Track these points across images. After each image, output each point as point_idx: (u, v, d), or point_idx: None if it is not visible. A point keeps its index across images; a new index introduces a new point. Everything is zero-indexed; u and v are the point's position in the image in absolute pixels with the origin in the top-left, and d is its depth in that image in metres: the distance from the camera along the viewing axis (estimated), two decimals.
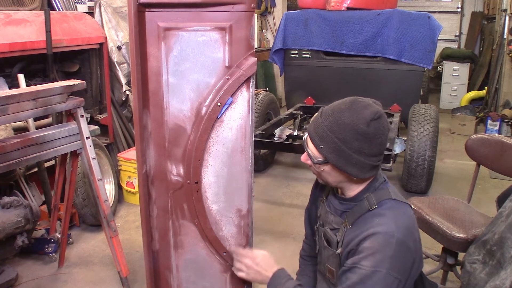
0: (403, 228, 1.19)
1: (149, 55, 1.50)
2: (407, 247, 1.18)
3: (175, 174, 1.63)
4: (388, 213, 1.23)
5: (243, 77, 1.51)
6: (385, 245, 1.16)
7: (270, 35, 7.37)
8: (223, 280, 1.80)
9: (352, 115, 1.22)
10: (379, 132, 1.22)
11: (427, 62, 4.12)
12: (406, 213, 1.26)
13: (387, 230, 1.18)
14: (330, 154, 1.24)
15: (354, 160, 1.23)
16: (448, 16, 8.46)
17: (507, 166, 2.26)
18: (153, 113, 1.57)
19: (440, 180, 4.15)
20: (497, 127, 5.36)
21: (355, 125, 1.20)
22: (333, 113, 1.25)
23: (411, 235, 1.21)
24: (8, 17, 2.70)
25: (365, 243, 1.20)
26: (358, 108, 1.23)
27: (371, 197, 1.28)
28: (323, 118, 1.26)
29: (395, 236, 1.16)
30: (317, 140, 1.26)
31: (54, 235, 2.74)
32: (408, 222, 1.23)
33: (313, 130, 1.28)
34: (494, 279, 1.59)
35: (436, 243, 2.28)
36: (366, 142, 1.21)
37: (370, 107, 1.24)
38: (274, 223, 3.33)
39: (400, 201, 1.28)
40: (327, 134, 1.23)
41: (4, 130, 2.55)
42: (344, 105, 1.26)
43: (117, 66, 3.80)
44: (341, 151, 1.22)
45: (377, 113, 1.23)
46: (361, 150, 1.22)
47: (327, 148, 1.24)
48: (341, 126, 1.21)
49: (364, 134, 1.20)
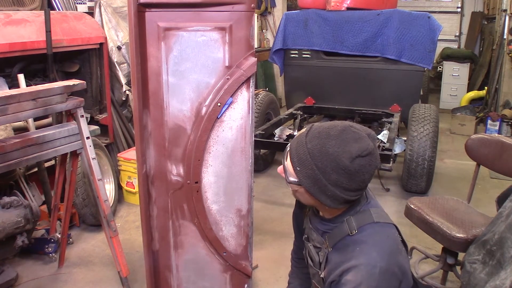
0: (386, 255, 1.14)
1: (149, 55, 1.50)
2: (392, 273, 1.13)
3: (175, 174, 1.63)
4: (369, 240, 1.17)
5: (243, 77, 1.52)
6: (368, 277, 1.11)
7: (270, 35, 7.37)
8: (223, 280, 1.80)
9: (339, 145, 1.12)
10: (362, 170, 1.13)
11: (427, 62, 4.12)
12: (389, 237, 1.20)
13: (369, 261, 1.12)
14: (305, 179, 1.16)
15: (329, 192, 1.15)
16: (448, 16, 8.46)
17: (507, 166, 2.26)
18: (153, 113, 1.57)
19: (440, 180, 4.15)
20: (497, 127, 5.36)
21: (338, 157, 1.11)
22: (320, 137, 1.15)
23: (395, 260, 1.16)
24: (8, 17, 2.70)
25: (348, 275, 1.15)
26: (347, 140, 1.13)
27: (351, 220, 1.21)
28: (308, 139, 1.17)
29: (377, 266, 1.11)
30: (296, 160, 1.17)
31: (54, 235, 2.74)
32: (392, 247, 1.17)
33: (295, 149, 1.19)
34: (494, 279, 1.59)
35: (436, 243, 2.28)
36: (345, 177, 1.13)
37: (360, 141, 1.13)
38: (274, 223, 3.33)
39: (383, 223, 1.21)
40: (307, 158, 1.15)
41: (4, 130, 2.55)
42: (335, 131, 1.15)
43: (117, 66, 3.80)
44: (317, 180, 1.14)
45: (365, 150, 1.12)
46: (339, 183, 1.13)
47: (303, 172, 1.16)
48: (323, 154, 1.12)
49: (345, 169, 1.11)
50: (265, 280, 2.57)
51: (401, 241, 1.26)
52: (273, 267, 2.69)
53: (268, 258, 2.78)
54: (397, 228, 1.26)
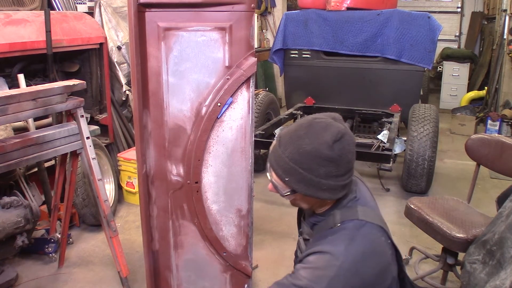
0: (355, 252, 1.14)
1: (149, 55, 1.50)
2: (354, 272, 1.12)
3: (175, 174, 1.63)
4: (344, 234, 1.17)
5: (243, 77, 1.52)
6: (327, 266, 1.12)
7: (270, 35, 7.37)
8: (223, 280, 1.80)
9: (313, 140, 1.14)
10: (344, 152, 1.15)
11: (427, 62, 4.12)
12: (366, 236, 1.18)
13: (334, 252, 1.13)
14: (297, 185, 1.17)
15: (324, 186, 1.16)
16: (448, 16, 8.46)
17: (507, 166, 2.26)
18: (153, 113, 1.57)
19: (440, 180, 4.15)
20: (497, 127, 5.36)
21: (318, 151, 1.13)
22: (292, 142, 1.16)
23: (366, 260, 1.14)
24: (8, 17, 2.70)
25: (311, 257, 1.17)
26: (317, 132, 1.15)
27: (337, 214, 1.23)
28: (282, 149, 1.18)
29: (339, 260, 1.11)
30: (281, 173, 1.18)
31: (54, 235, 2.74)
32: (366, 247, 1.16)
33: (275, 163, 1.20)
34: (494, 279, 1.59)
35: (436, 243, 2.28)
36: (333, 166, 1.14)
37: (330, 128, 1.15)
38: (274, 223, 3.33)
39: (367, 222, 1.20)
40: (291, 166, 1.16)
41: (4, 130, 2.55)
42: (302, 130, 1.17)
43: (117, 66, 3.80)
44: (308, 180, 1.16)
45: (338, 133, 1.14)
46: (329, 174, 1.15)
47: (293, 180, 1.17)
48: (303, 156, 1.14)
49: (329, 158, 1.13)
50: (265, 280, 2.57)
51: (390, 243, 1.24)
52: (273, 267, 2.69)
53: (268, 258, 2.78)
54: (385, 231, 1.24)
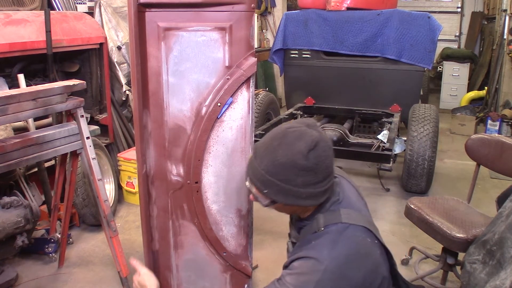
0: (339, 256, 1.14)
1: (149, 55, 1.50)
2: (339, 276, 1.12)
3: (175, 174, 1.63)
4: (327, 238, 1.18)
5: (243, 77, 1.52)
6: (312, 271, 1.12)
7: (270, 35, 7.37)
8: (223, 280, 1.80)
9: (287, 152, 1.13)
10: (320, 159, 1.14)
11: (427, 62, 4.12)
12: (350, 239, 1.18)
13: (318, 257, 1.13)
14: (277, 196, 1.18)
15: (304, 195, 1.17)
16: (448, 16, 8.46)
17: (507, 166, 2.26)
18: (153, 113, 1.57)
19: (440, 180, 4.15)
20: (497, 127, 5.36)
21: (293, 162, 1.12)
22: (267, 154, 1.17)
23: (351, 263, 1.14)
24: (8, 17, 2.70)
25: (296, 263, 1.18)
26: (291, 142, 1.14)
27: (320, 218, 1.23)
28: (258, 161, 1.19)
29: (324, 264, 1.11)
30: (260, 185, 1.19)
31: (54, 235, 2.74)
32: (350, 249, 1.16)
33: (253, 175, 1.21)
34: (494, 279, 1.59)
35: (436, 243, 2.28)
36: (310, 175, 1.14)
37: (303, 137, 1.15)
38: (274, 223, 3.33)
39: (350, 224, 1.20)
40: (268, 179, 1.16)
41: (4, 130, 2.55)
42: (276, 141, 1.17)
43: (117, 66, 3.80)
44: (287, 191, 1.16)
45: (312, 142, 1.14)
46: (308, 183, 1.15)
47: (272, 191, 1.18)
48: (278, 168, 1.14)
49: (305, 168, 1.13)
50: (265, 280, 2.57)
51: (378, 243, 1.24)
52: (273, 267, 2.69)
53: (268, 258, 2.78)
54: (371, 231, 1.23)
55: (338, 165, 4.52)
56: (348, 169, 4.50)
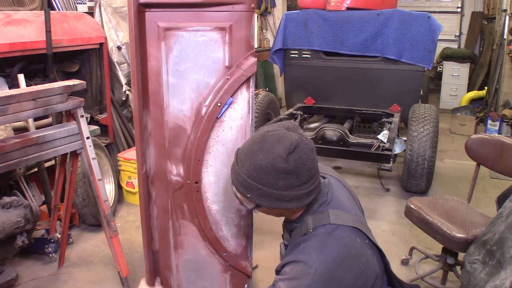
0: (327, 258, 1.14)
1: (149, 55, 1.50)
2: (330, 277, 1.12)
3: (175, 174, 1.63)
4: (315, 240, 1.18)
5: (243, 77, 1.52)
6: (302, 275, 1.13)
7: (270, 35, 7.37)
8: (223, 280, 1.80)
9: (267, 155, 1.14)
10: (301, 161, 1.15)
11: (427, 62, 4.12)
12: (339, 240, 1.18)
13: (307, 261, 1.14)
14: (260, 200, 1.19)
15: (287, 197, 1.17)
16: (448, 16, 8.45)
17: (507, 166, 2.26)
18: (153, 113, 1.57)
19: (440, 180, 4.15)
20: (497, 127, 5.36)
21: (273, 165, 1.13)
22: (248, 158, 1.18)
23: (340, 264, 1.15)
24: (8, 17, 2.70)
25: (287, 267, 1.19)
26: (270, 146, 1.15)
27: (309, 220, 1.24)
28: (239, 166, 1.20)
29: (313, 267, 1.12)
30: (243, 190, 1.20)
31: (54, 235, 2.74)
32: (339, 251, 1.16)
33: (236, 180, 1.22)
34: (494, 279, 1.59)
35: (436, 243, 2.28)
36: (291, 177, 1.15)
37: (282, 140, 1.15)
38: (274, 223, 3.31)
39: (339, 225, 1.20)
40: (250, 183, 1.17)
41: (4, 130, 2.55)
42: (256, 145, 1.18)
43: (117, 66, 3.80)
44: (270, 194, 1.17)
45: (291, 144, 1.14)
46: (290, 185, 1.16)
47: (255, 195, 1.19)
48: (259, 172, 1.15)
49: (285, 171, 1.14)
50: (265, 280, 2.57)
51: (369, 243, 1.24)
52: (273, 267, 2.67)
53: (268, 258, 2.78)
54: (361, 231, 1.23)
55: (338, 165, 4.54)
56: (348, 169, 4.50)
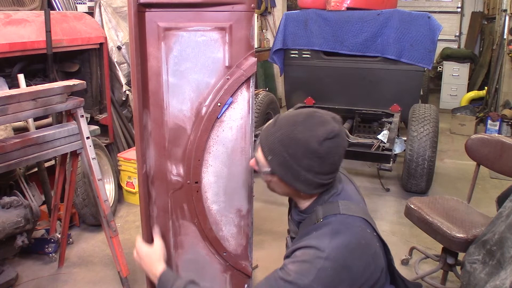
0: (340, 245, 1.14)
1: (149, 55, 1.50)
2: (341, 264, 1.12)
3: (175, 174, 1.63)
4: (328, 228, 1.18)
5: (243, 77, 1.51)
6: (314, 259, 1.12)
7: (270, 35, 7.37)
8: (223, 280, 1.80)
9: (306, 130, 1.15)
10: (331, 152, 1.16)
11: (427, 62, 4.12)
12: (350, 229, 1.18)
13: (319, 245, 1.13)
14: (277, 167, 1.19)
15: (302, 177, 1.18)
16: (448, 16, 8.45)
17: (507, 166, 2.26)
18: (153, 113, 1.57)
19: (440, 180, 4.15)
20: (497, 127, 5.36)
21: (307, 142, 1.14)
22: (287, 125, 1.18)
23: (352, 252, 1.14)
24: (8, 17, 2.70)
25: (297, 252, 1.18)
26: (314, 124, 1.16)
27: (319, 210, 1.24)
28: (275, 128, 1.20)
29: (325, 252, 1.12)
30: (267, 150, 1.20)
31: (54, 235, 2.74)
32: (350, 239, 1.16)
33: (264, 138, 1.22)
34: (494, 279, 1.59)
35: (436, 243, 2.28)
36: (316, 161, 1.15)
37: (326, 124, 1.17)
38: (274, 223, 3.33)
39: (349, 215, 1.20)
40: (277, 147, 1.17)
41: (4, 130, 2.55)
42: (300, 117, 1.19)
43: (117, 66, 3.80)
44: (289, 166, 1.17)
45: (332, 132, 1.15)
46: (311, 168, 1.16)
47: (275, 161, 1.18)
48: (292, 141, 1.15)
49: (315, 152, 1.14)
50: None
51: (376, 236, 1.24)
52: (273, 267, 2.67)
53: (268, 258, 2.78)
54: (370, 223, 1.24)
55: None
56: (348, 169, 4.48)
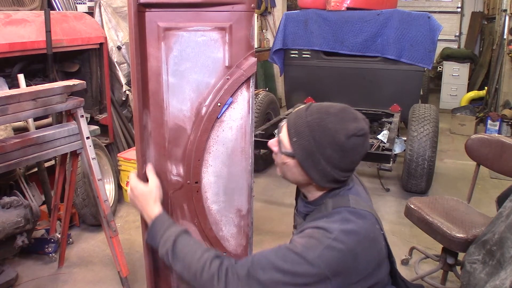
0: (350, 232, 1.13)
1: (149, 55, 1.50)
2: (348, 249, 1.11)
3: (175, 174, 1.63)
4: (339, 216, 1.18)
5: (243, 77, 1.51)
6: (322, 237, 1.12)
7: (270, 35, 7.37)
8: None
9: (337, 122, 1.17)
10: (356, 149, 1.18)
11: (427, 62, 4.12)
12: (361, 220, 1.18)
13: (329, 228, 1.14)
14: (300, 150, 1.20)
15: (320, 167, 1.19)
16: (448, 16, 8.45)
17: (507, 166, 2.26)
18: (153, 113, 1.57)
19: (440, 180, 4.15)
20: (497, 127, 5.37)
21: (336, 133, 1.16)
22: (320, 112, 1.20)
23: (360, 242, 1.14)
24: (8, 17, 2.70)
25: (307, 230, 1.18)
26: (345, 118, 1.19)
27: (328, 202, 1.24)
28: (307, 113, 1.22)
29: (334, 234, 1.12)
30: (293, 131, 1.21)
31: (54, 235, 2.74)
32: (360, 230, 1.16)
33: (293, 120, 1.23)
34: (494, 279, 1.59)
35: (436, 243, 2.28)
36: (339, 154, 1.17)
37: (357, 122, 1.19)
38: (274, 223, 3.33)
39: (358, 209, 1.20)
40: (305, 130, 1.19)
41: (4, 130, 2.55)
42: (334, 109, 1.21)
43: (117, 66, 3.80)
44: (311, 153, 1.18)
45: (361, 130, 1.18)
46: (331, 159, 1.17)
47: (299, 143, 1.19)
48: (321, 128, 1.17)
49: (340, 145, 1.16)
50: None
51: (383, 235, 1.24)
52: None
53: None
54: (378, 220, 1.24)
55: None
56: None
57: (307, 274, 1.09)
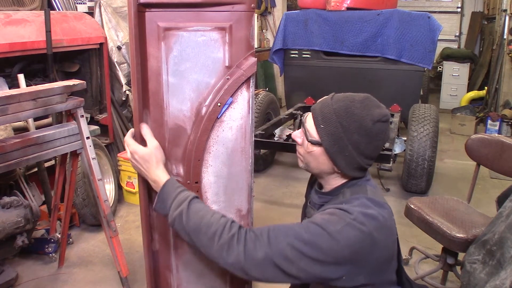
0: (369, 216, 1.13)
1: (149, 55, 1.50)
2: (367, 231, 1.11)
3: (175, 174, 1.63)
4: (358, 202, 1.19)
5: (243, 77, 1.51)
6: (343, 215, 1.13)
7: (270, 35, 7.37)
8: (223, 280, 1.80)
9: (363, 108, 1.21)
10: (380, 134, 1.22)
11: (427, 62, 4.12)
12: (379, 208, 1.18)
13: (349, 209, 1.14)
14: (327, 137, 1.22)
15: (347, 152, 1.21)
16: (448, 16, 8.46)
17: (507, 166, 2.26)
18: (153, 113, 1.57)
19: (440, 180, 4.15)
20: (497, 127, 5.37)
21: (362, 118, 1.20)
22: (345, 100, 1.24)
23: (378, 229, 1.13)
24: (8, 17, 2.70)
25: (327, 210, 1.19)
26: (370, 105, 1.24)
27: (346, 192, 1.26)
28: (333, 101, 1.25)
29: (354, 215, 1.12)
30: (320, 119, 1.23)
31: (54, 235, 2.74)
32: (379, 217, 1.15)
33: (319, 109, 1.26)
34: (494, 279, 1.59)
35: (436, 243, 2.28)
36: (365, 139, 1.20)
37: (381, 108, 1.25)
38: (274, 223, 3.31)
39: (375, 199, 1.21)
40: (332, 117, 1.21)
41: (4, 130, 2.55)
42: (358, 97, 1.25)
43: (117, 66, 3.80)
44: (338, 138, 1.20)
45: (385, 115, 1.23)
46: (358, 145, 1.20)
47: (326, 130, 1.22)
48: (348, 114, 1.20)
49: (367, 130, 1.20)
50: None
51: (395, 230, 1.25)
52: None
53: None
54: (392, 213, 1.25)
55: None
56: None
57: (326, 249, 1.09)
